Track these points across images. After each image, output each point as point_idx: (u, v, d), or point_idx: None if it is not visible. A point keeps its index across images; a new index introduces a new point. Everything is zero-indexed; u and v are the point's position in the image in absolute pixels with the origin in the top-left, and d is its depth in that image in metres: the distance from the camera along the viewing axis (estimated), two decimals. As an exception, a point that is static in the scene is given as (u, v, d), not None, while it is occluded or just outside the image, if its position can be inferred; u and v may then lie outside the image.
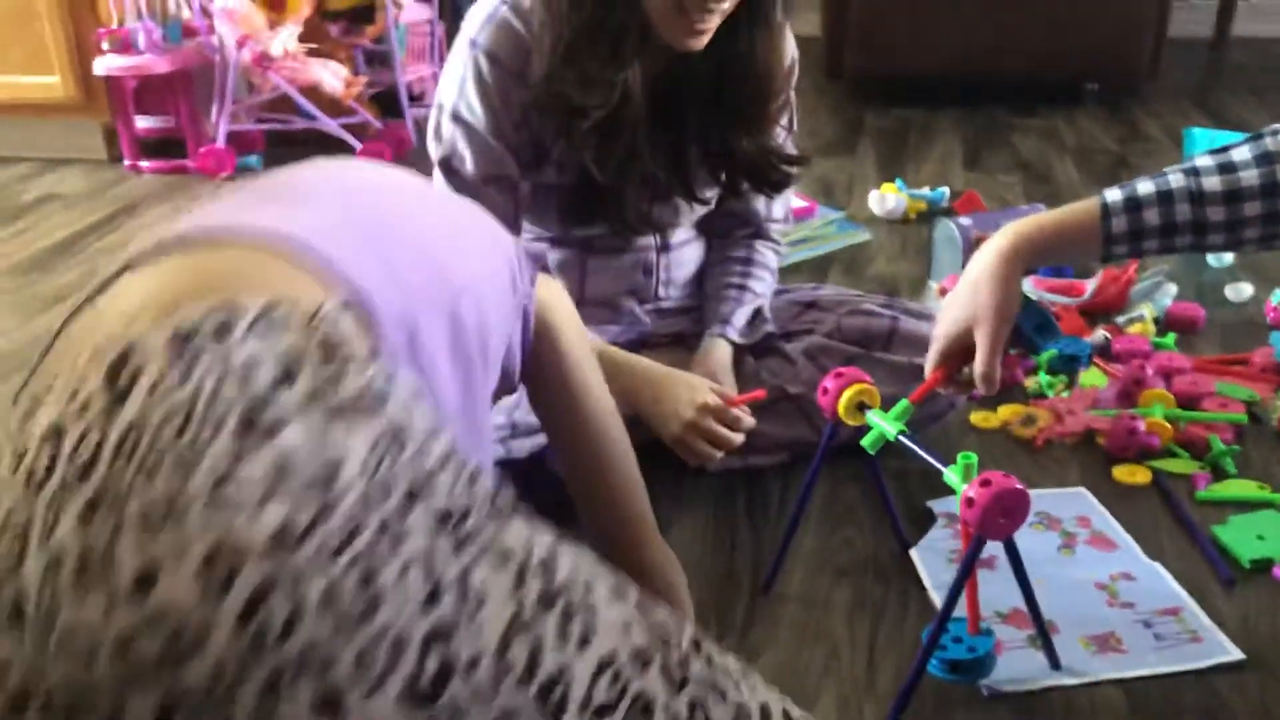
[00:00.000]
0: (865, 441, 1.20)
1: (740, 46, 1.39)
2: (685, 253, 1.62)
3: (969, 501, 1.01)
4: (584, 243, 1.54)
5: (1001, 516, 1.01)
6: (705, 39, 1.33)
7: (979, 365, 1.14)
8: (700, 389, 1.44)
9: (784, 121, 1.53)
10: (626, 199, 1.43)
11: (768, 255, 1.64)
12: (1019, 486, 1.01)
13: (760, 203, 1.61)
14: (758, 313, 1.60)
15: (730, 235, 1.65)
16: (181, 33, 2.98)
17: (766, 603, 1.28)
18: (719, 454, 1.44)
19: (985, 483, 1.01)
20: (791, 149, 1.56)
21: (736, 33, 1.37)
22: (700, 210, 1.56)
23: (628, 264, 1.57)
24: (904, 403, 1.20)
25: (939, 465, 1.12)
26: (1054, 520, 1.40)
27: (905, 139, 3.05)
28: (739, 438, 1.44)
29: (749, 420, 1.45)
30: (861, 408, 1.22)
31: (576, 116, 1.34)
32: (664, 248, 1.58)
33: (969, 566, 1.06)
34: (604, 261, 1.56)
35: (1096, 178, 2.70)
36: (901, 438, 1.17)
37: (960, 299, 1.16)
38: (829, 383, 1.23)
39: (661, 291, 1.61)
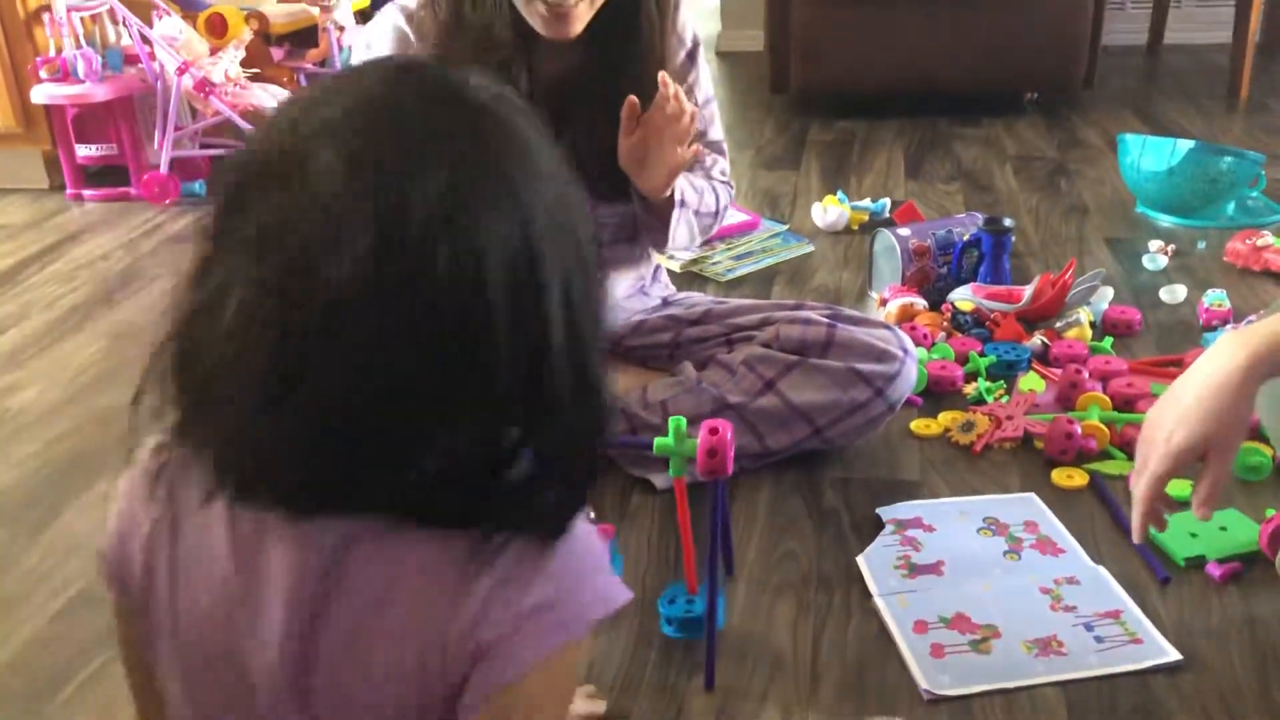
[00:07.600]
0: None
1: (625, 44, 1.44)
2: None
3: (710, 452, 1.10)
4: None
5: (727, 453, 1.12)
6: (575, 25, 1.38)
7: (1210, 489, 1.08)
8: None
9: None
10: None
11: (719, 187, 1.64)
12: (728, 423, 1.13)
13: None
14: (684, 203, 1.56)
15: None
16: (122, 60, 2.95)
17: (712, 616, 1.28)
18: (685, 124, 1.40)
19: (713, 430, 1.12)
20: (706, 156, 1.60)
21: (618, 29, 1.42)
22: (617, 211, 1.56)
23: None
24: None
25: (647, 441, 1.19)
26: (1002, 525, 1.42)
27: (849, 151, 3.08)
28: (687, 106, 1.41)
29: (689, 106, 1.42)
30: None
31: None
32: None
33: (726, 519, 1.14)
34: None
35: (1036, 185, 2.74)
36: None
37: (1196, 414, 1.06)
38: None
39: None
